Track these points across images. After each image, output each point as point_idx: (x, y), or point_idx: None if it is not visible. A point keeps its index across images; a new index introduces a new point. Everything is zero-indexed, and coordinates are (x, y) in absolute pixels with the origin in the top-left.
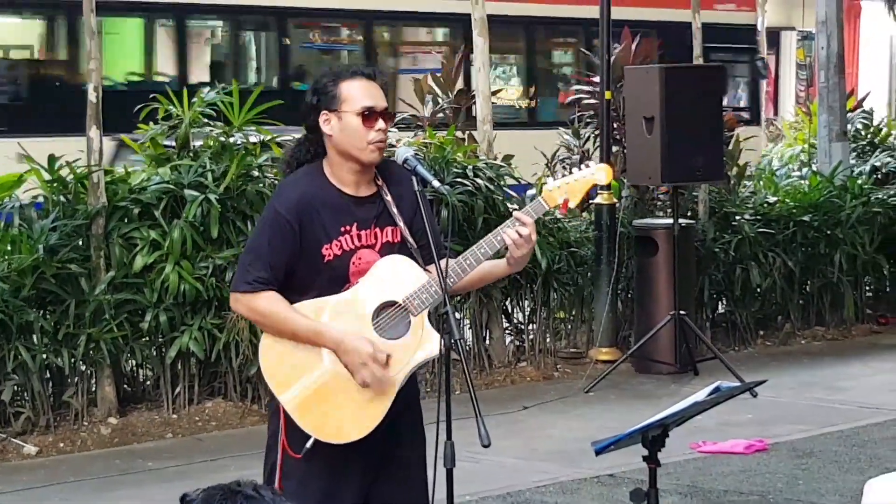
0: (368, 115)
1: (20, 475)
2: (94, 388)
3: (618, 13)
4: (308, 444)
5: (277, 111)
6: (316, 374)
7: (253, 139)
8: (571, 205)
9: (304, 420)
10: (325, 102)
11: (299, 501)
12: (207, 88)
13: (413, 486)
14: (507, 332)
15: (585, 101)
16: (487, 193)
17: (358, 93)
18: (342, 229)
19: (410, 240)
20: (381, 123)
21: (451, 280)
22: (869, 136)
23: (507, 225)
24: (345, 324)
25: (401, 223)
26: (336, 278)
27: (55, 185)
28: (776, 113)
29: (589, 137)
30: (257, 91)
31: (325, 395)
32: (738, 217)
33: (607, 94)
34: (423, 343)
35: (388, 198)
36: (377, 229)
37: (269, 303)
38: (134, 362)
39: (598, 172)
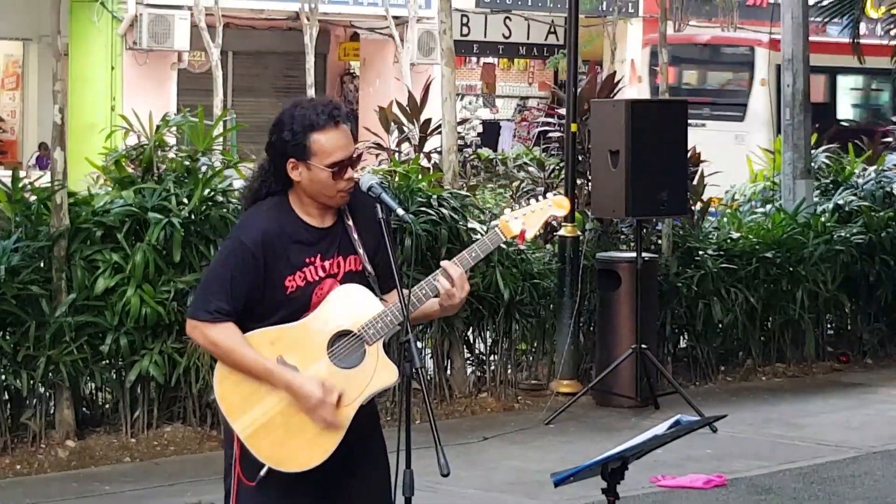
0: (339, 170)
1: None
2: (52, 411)
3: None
4: (262, 473)
5: None
6: (270, 404)
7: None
8: (529, 235)
9: (256, 448)
10: (292, 151)
11: None
12: (173, 112)
13: None
14: (468, 362)
15: (551, 133)
16: (451, 223)
17: (329, 145)
18: (306, 261)
19: (369, 268)
20: (349, 173)
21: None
22: (832, 174)
23: (437, 273)
24: (301, 353)
25: (360, 251)
26: (298, 309)
27: (18, 205)
28: None
29: (553, 170)
30: (222, 115)
31: (278, 424)
32: (701, 252)
33: (573, 127)
34: (378, 372)
35: (350, 222)
36: (340, 258)
37: (225, 335)
38: (93, 385)
39: (555, 204)
